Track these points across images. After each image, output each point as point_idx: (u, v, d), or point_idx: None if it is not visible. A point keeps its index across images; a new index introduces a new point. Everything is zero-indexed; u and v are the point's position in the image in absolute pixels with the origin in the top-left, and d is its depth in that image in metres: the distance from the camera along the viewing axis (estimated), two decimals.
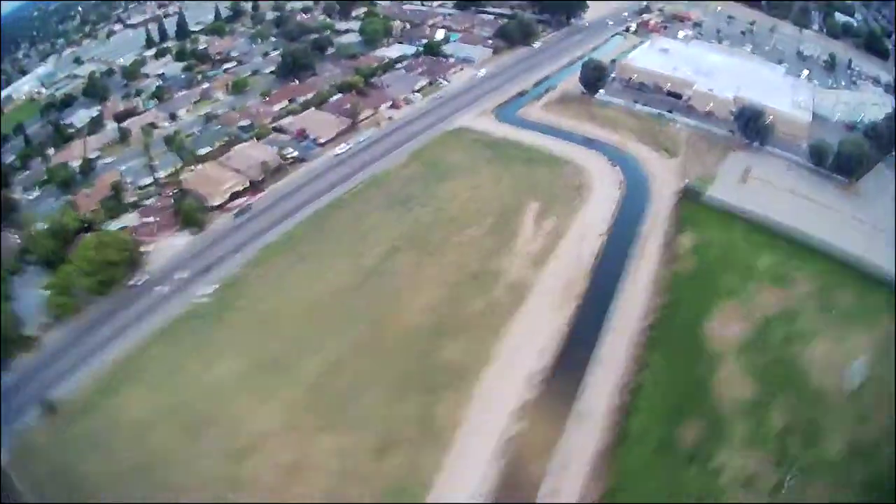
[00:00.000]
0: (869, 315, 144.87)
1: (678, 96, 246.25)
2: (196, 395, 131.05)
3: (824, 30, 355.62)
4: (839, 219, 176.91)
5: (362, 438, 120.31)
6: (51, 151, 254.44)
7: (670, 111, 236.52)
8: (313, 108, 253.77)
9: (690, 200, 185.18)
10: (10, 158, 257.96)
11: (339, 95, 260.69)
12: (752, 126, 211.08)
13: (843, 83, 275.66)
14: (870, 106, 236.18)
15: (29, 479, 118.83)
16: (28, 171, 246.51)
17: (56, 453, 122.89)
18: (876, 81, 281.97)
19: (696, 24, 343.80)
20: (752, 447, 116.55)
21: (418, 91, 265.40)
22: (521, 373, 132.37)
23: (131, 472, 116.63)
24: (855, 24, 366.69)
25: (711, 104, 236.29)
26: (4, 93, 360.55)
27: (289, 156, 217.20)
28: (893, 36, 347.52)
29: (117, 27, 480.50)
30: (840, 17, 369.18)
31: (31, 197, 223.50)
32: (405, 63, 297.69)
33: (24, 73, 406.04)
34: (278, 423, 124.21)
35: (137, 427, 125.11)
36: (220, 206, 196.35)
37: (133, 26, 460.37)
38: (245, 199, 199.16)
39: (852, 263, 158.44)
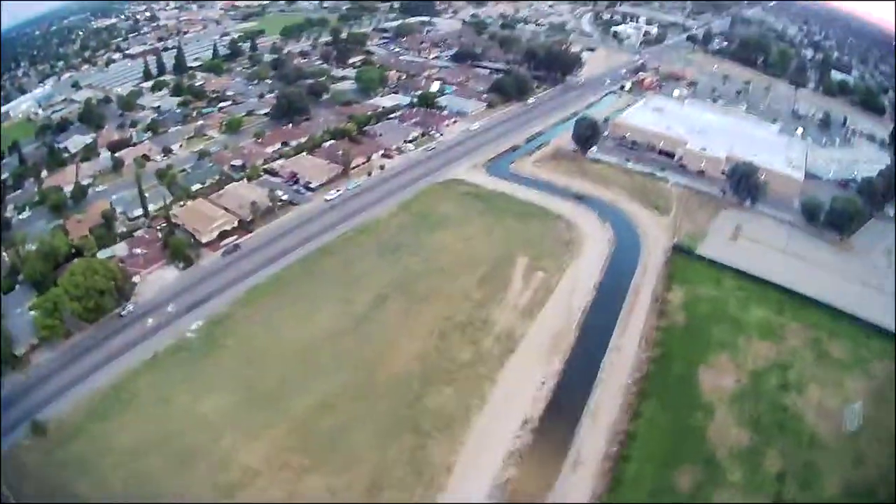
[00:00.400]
0: (860, 363, 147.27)
1: (671, 155, 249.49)
2: (185, 427, 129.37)
3: (820, 88, 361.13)
4: (830, 275, 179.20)
5: (353, 479, 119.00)
6: (44, 174, 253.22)
7: (662, 169, 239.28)
8: (305, 153, 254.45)
9: (681, 257, 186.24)
10: (3, 175, 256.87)
11: (332, 141, 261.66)
12: (744, 184, 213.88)
13: (838, 141, 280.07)
14: (863, 163, 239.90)
15: (19, 497, 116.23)
16: (20, 191, 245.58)
17: (46, 474, 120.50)
18: (871, 139, 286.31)
19: (692, 84, 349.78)
20: (749, 491, 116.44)
21: (411, 141, 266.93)
22: (513, 420, 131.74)
23: (120, 497, 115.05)
24: (851, 82, 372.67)
25: (704, 163, 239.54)
26: (4, 108, 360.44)
27: (280, 198, 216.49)
28: (891, 92, 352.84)
29: (116, 56, 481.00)
30: (837, 76, 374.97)
31: (21, 217, 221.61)
32: (399, 113, 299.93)
33: (22, 91, 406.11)
34: (267, 460, 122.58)
35: (127, 454, 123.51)
36: (209, 244, 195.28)
37: (132, 56, 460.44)
38: (234, 238, 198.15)
39: (843, 317, 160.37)
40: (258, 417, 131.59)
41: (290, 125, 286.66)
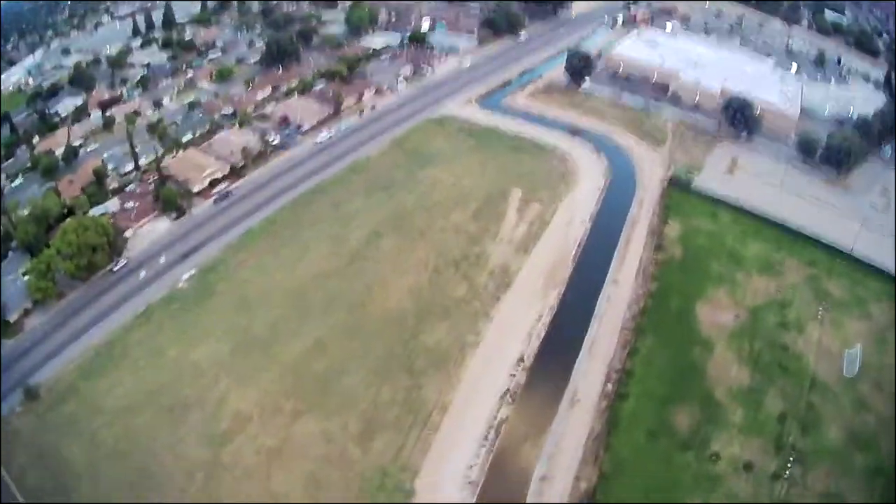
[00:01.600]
0: (861, 304, 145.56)
1: (665, 88, 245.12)
2: (176, 379, 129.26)
3: (814, 27, 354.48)
4: (828, 212, 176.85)
5: (346, 422, 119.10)
6: (36, 140, 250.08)
7: (657, 101, 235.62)
8: (296, 96, 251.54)
9: (677, 190, 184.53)
10: None
11: (323, 83, 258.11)
12: (739, 117, 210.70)
13: (833, 79, 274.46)
14: (860, 101, 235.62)
15: (11, 464, 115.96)
16: (12, 160, 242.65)
17: (38, 439, 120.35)
18: (866, 78, 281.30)
19: (684, 18, 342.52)
20: (749, 433, 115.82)
21: (402, 80, 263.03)
22: (509, 357, 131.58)
23: (112, 457, 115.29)
24: (845, 23, 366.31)
25: (698, 95, 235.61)
26: None
27: (271, 142, 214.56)
28: (886, 35, 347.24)
29: (105, 19, 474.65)
30: (830, 16, 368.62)
31: (14, 185, 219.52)
32: (390, 52, 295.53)
33: (12, 64, 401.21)
34: (259, 406, 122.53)
35: (118, 411, 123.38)
36: (200, 192, 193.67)
37: (121, 18, 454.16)
38: (225, 185, 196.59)
39: (841, 255, 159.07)
40: (251, 363, 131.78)
41: (280, 70, 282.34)
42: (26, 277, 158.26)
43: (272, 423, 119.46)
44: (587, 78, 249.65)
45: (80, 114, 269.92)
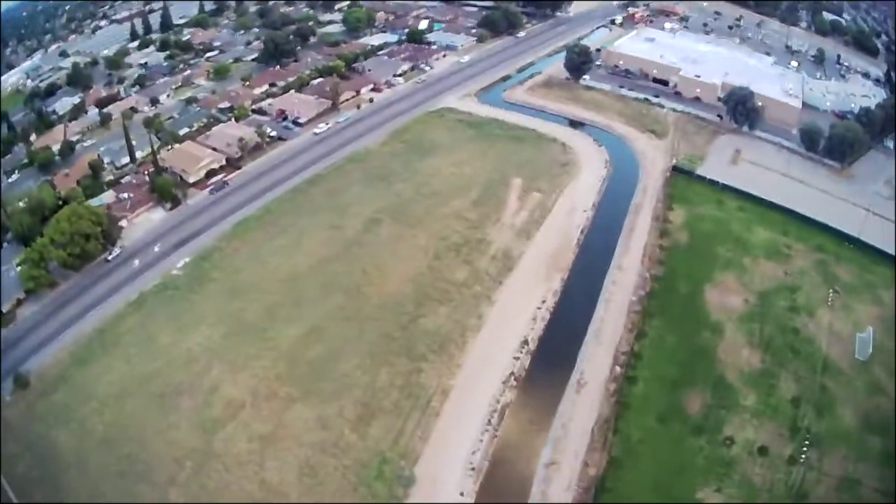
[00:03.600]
0: (870, 289, 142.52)
1: (665, 83, 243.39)
2: (169, 366, 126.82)
3: (812, 27, 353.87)
4: (833, 200, 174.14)
5: (342, 408, 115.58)
6: (33, 137, 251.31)
7: (657, 96, 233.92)
8: (294, 91, 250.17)
9: (681, 178, 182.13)
10: None
11: (321, 79, 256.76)
12: (741, 110, 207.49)
13: (832, 76, 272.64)
14: (860, 97, 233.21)
15: (3, 453, 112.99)
16: (10, 156, 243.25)
17: (29, 427, 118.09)
18: (865, 75, 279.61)
19: (683, 18, 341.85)
20: (763, 417, 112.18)
21: (400, 75, 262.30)
22: (513, 341, 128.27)
23: (102, 444, 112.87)
24: (844, 23, 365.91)
25: (699, 90, 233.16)
26: None
27: (268, 134, 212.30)
28: (884, 35, 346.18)
29: (103, 23, 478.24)
30: (828, 16, 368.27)
31: (11, 180, 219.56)
32: (388, 49, 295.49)
33: (11, 67, 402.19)
34: (252, 393, 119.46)
35: (110, 398, 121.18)
36: (196, 183, 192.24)
37: (118, 21, 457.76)
38: (222, 175, 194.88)
39: (848, 241, 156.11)
40: (245, 349, 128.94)
41: (278, 67, 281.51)
42: (20, 268, 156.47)
43: (265, 410, 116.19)
44: (587, 74, 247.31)
45: (78, 111, 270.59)
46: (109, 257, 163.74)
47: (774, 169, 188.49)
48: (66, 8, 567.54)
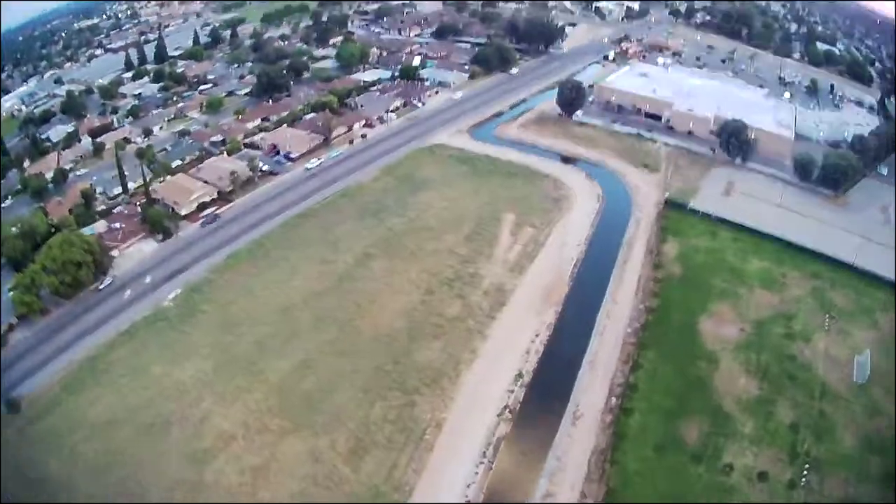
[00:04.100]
0: (866, 313, 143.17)
1: (657, 118, 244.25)
2: (160, 395, 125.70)
3: (806, 58, 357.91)
4: (828, 228, 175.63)
5: (335, 441, 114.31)
6: (26, 164, 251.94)
7: (650, 131, 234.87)
8: (286, 126, 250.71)
9: (674, 211, 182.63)
10: None
11: (313, 114, 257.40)
12: (734, 142, 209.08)
13: (826, 106, 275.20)
14: (853, 125, 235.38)
15: None
16: (3, 181, 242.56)
17: (18, 452, 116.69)
18: (859, 104, 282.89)
19: (676, 53, 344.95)
20: (761, 444, 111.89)
21: (393, 111, 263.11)
22: (507, 374, 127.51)
23: (93, 472, 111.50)
24: (837, 53, 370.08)
25: (692, 123, 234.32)
26: None
27: (260, 168, 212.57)
28: (878, 63, 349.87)
29: (98, 52, 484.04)
30: (822, 46, 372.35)
31: (3, 206, 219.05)
32: (381, 85, 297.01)
33: (6, 92, 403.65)
34: (244, 424, 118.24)
35: (100, 426, 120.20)
36: (188, 216, 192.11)
37: (114, 51, 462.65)
38: (213, 208, 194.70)
39: (843, 267, 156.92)
40: (236, 381, 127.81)
41: (271, 102, 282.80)
42: (11, 294, 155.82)
43: (257, 442, 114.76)
44: (579, 109, 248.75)
45: (71, 140, 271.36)
46: (100, 286, 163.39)
47: (768, 199, 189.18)
48: (63, 35, 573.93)
